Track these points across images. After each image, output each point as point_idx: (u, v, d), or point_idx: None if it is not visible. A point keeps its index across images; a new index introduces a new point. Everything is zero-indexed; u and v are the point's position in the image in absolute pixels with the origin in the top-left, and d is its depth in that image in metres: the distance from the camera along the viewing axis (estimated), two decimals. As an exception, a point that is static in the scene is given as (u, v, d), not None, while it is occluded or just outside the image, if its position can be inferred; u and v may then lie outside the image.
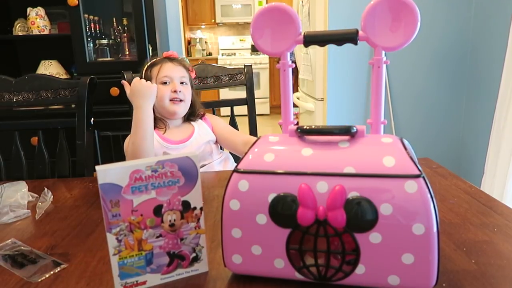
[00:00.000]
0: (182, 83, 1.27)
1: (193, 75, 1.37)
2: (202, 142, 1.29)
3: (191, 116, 1.34)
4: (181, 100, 1.26)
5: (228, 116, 1.49)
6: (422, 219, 0.49)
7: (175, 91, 1.24)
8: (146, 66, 1.31)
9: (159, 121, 1.29)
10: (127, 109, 1.39)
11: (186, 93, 1.28)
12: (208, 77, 1.48)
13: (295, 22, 0.63)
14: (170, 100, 1.25)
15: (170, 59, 1.31)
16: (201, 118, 1.36)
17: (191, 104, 1.32)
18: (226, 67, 1.53)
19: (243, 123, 1.50)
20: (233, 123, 1.47)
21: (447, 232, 0.71)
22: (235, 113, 1.51)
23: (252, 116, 1.51)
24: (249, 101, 1.50)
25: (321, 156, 0.55)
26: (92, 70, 2.22)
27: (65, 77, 2.47)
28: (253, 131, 1.50)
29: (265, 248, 0.56)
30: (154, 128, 1.27)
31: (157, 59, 1.32)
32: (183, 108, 1.28)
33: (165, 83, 1.26)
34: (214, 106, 1.50)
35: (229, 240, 0.57)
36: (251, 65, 1.54)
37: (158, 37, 2.28)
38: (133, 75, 1.38)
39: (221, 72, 1.50)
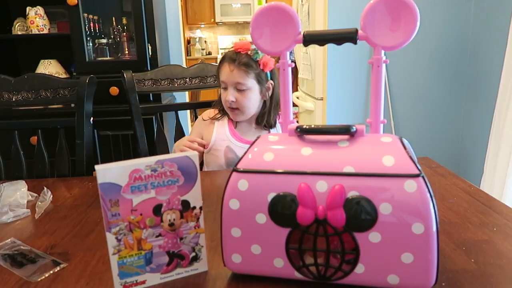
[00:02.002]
0: (238, 90, 1.18)
1: (268, 67, 1.20)
2: None
3: (262, 121, 1.25)
4: (236, 108, 1.20)
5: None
6: (422, 219, 0.50)
7: (227, 101, 1.19)
8: (219, 62, 1.24)
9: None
10: (126, 109, 1.39)
11: (243, 101, 1.19)
12: (207, 76, 1.47)
13: (294, 22, 0.63)
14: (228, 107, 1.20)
15: (232, 58, 1.18)
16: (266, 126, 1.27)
17: (265, 110, 1.24)
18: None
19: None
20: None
21: (447, 232, 0.71)
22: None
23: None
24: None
25: (321, 155, 0.55)
26: (91, 70, 2.21)
27: (65, 76, 2.46)
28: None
29: (265, 248, 0.56)
30: (228, 119, 1.26)
31: (226, 53, 1.23)
32: (240, 117, 1.22)
33: (225, 88, 1.21)
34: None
35: (229, 240, 0.57)
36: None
37: (157, 36, 2.28)
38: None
39: (220, 71, 1.50)
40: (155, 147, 1.42)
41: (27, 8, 2.37)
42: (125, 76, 1.36)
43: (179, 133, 1.42)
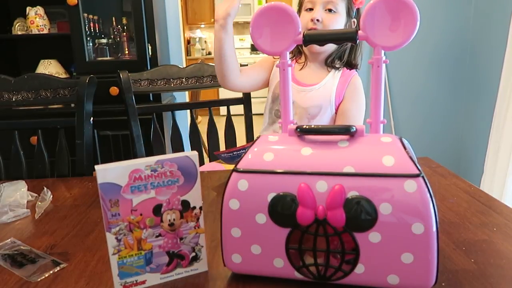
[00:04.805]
0: (329, 10, 1.06)
1: (359, 3, 1.09)
2: (320, 101, 1.10)
3: (335, 61, 1.12)
4: None
5: (225, 115, 1.49)
6: (422, 219, 0.50)
7: (312, 20, 1.04)
8: None
9: (299, 54, 1.13)
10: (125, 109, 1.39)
11: (330, 23, 1.05)
12: (204, 76, 1.47)
13: (294, 22, 0.63)
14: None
15: None
16: (349, 66, 1.14)
17: (345, 48, 1.11)
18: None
19: (241, 122, 1.50)
20: (229, 122, 1.47)
21: (447, 232, 0.71)
22: (235, 113, 1.50)
23: (248, 116, 1.51)
24: (245, 100, 1.50)
25: (321, 155, 0.55)
26: (91, 70, 2.21)
27: (65, 76, 2.46)
28: (249, 130, 1.50)
29: (265, 248, 0.56)
30: (293, 59, 1.14)
31: None
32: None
33: (310, 9, 1.07)
34: (210, 106, 1.50)
35: (229, 240, 0.57)
36: (247, 65, 1.54)
37: (157, 36, 2.28)
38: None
39: (218, 71, 1.50)
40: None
41: (27, 8, 2.37)
42: (121, 76, 1.36)
43: (176, 133, 1.42)
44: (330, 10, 1.06)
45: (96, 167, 0.54)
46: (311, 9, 1.08)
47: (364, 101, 1.16)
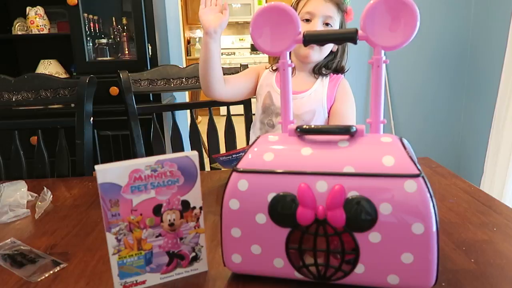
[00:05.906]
0: (326, 24, 1.11)
1: (349, 17, 1.16)
2: (313, 106, 1.14)
3: (323, 68, 1.18)
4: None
5: (225, 115, 1.49)
6: (422, 219, 0.50)
7: None
8: None
9: None
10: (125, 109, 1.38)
11: None
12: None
13: (294, 22, 0.63)
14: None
15: None
16: (336, 72, 1.19)
17: (334, 56, 1.17)
18: (222, 66, 1.52)
19: (241, 122, 1.49)
20: (229, 122, 1.47)
21: (447, 232, 0.71)
22: (235, 113, 1.50)
23: (248, 116, 1.51)
24: (245, 100, 1.50)
25: (321, 155, 0.55)
26: (91, 70, 2.21)
27: (65, 76, 2.46)
28: (248, 130, 1.50)
29: (265, 248, 0.56)
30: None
31: None
32: (316, 55, 1.13)
33: (307, 20, 1.11)
34: (210, 106, 1.50)
35: (229, 240, 0.57)
36: (247, 65, 1.54)
37: (157, 36, 2.28)
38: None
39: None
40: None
41: (27, 8, 2.37)
42: (121, 76, 1.36)
43: (176, 133, 1.42)
44: (327, 24, 1.11)
45: (96, 167, 0.54)
46: (308, 20, 1.11)
47: (354, 102, 1.20)
